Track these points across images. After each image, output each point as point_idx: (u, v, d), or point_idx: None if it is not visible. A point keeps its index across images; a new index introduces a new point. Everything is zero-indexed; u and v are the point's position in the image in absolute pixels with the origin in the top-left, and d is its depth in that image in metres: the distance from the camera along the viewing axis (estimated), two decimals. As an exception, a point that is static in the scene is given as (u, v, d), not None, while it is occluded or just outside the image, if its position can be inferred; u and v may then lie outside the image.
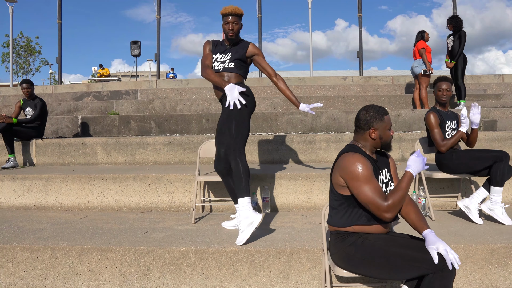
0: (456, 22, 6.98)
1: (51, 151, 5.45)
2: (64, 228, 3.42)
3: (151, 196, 4.16)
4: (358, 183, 2.16)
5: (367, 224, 2.26)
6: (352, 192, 2.19)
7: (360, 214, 2.27)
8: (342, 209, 2.31)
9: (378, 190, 2.16)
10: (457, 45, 6.94)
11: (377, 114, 2.30)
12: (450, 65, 7.03)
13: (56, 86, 10.25)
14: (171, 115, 6.67)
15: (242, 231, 2.91)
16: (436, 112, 3.72)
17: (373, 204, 2.14)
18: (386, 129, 2.31)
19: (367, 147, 2.35)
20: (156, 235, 3.19)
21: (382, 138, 2.32)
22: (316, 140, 5.26)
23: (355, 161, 2.18)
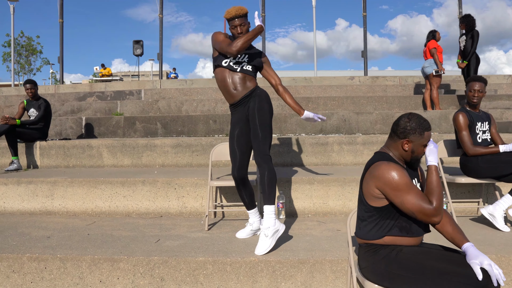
0: (469, 21, 6.83)
1: (55, 153, 5.30)
2: (72, 236, 3.26)
3: (161, 201, 4.00)
4: (400, 193, 2.01)
5: (399, 235, 2.12)
6: (394, 202, 2.05)
7: (391, 225, 2.12)
8: (372, 221, 2.16)
9: (422, 196, 2.03)
10: (470, 45, 6.79)
11: (418, 127, 2.13)
12: (462, 65, 6.87)
13: (58, 86, 10.09)
14: (177, 116, 6.52)
15: (265, 239, 2.79)
16: (465, 112, 3.56)
17: (420, 211, 2.01)
18: (421, 145, 2.16)
19: (397, 156, 2.21)
20: (169, 243, 3.04)
21: (414, 153, 2.17)
22: (329, 142, 5.11)
23: (392, 170, 2.03)
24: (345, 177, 3.96)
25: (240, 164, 3.13)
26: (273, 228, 2.82)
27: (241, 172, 3.13)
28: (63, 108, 7.71)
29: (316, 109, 7.34)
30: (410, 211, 2.03)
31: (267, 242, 2.79)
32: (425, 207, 2.01)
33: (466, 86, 3.62)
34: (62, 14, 13.55)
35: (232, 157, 3.15)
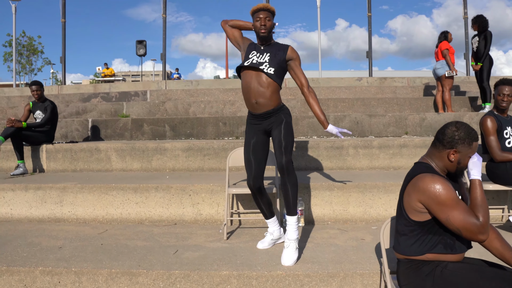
0: (482, 22, 6.66)
1: (62, 157, 5.15)
2: (85, 246, 3.11)
3: (175, 207, 3.86)
4: (447, 208, 1.87)
5: (443, 252, 1.98)
6: (439, 218, 1.90)
7: (435, 241, 1.98)
8: (413, 236, 2.02)
9: (469, 212, 1.88)
10: (483, 46, 6.62)
11: (467, 137, 1.99)
12: (477, 68, 6.71)
13: (61, 87, 9.93)
14: (186, 118, 6.37)
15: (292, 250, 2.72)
16: (494, 116, 3.42)
17: (467, 229, 1.86)
18: (468, 156, 2.02)
19: (439, 167, 2.06)
20: (188, 255, 2.89)
21: (460, 164, 2.03)
22: (344, 146, 4.97)
23: (438, 184, 1.88)
24: (365, 183, 3.82)
25: (256, 174, 2.98)
26: (297, 238, 2.81)
27: (257, 182, 2.99)
28: (68, 109, 7.55)
29: (327, 111, 7.19)
30: (455, 228, 1.89)
31: (295, 253, 2.73)
32: (472, 224, 1.87)
33: (495, 90, 3.48)
34: (65, 14, 13.38)
35: (248, 166, 3.00)
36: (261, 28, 2.93)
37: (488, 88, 6.73)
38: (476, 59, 6.78)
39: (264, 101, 2.89)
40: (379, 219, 3.78)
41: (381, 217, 3.78)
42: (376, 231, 3.49)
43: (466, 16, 13.24)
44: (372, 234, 3.40)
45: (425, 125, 6.22)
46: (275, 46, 3.01)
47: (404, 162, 4.94)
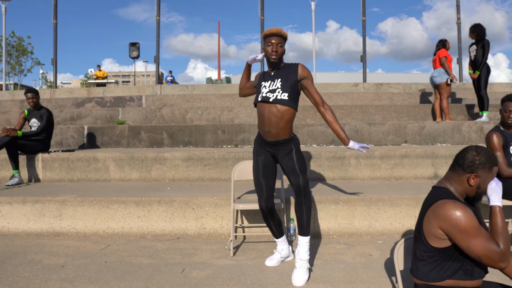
0: (480, 30, 6.69)
1: (59, 166, 5.03)
2: (88, 264, 3.03)
3: (178, 221, 3.78)
4: (468, 236, 1.83)
5: (463, 279, 1.95)
6: (460, 245, 1.87)
7: (454, 268, 1.95)
8: (432, 262, 1.98)
9: (490, 239, 1.85)
10: (481, 55, 6.65)
11: (488, 162, 1.96)
12: (475, 76, 6.73)
13: (54, 91, 9.75)
14: (184, 126, 6.29)
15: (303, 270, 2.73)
16: (500, 132, 3.41)
17: (488, 257, 1.83)
18: (488, 181, 1.99)
19: (458, 191, 2.03)
20: (196, 273, 2.83)
21: (480, 189, 2.00)
22: (346, 156, 4.94)
23: (460, 211, 1.85)
24: (371, 196, 3.79)
25: (267, 195, 2.94)
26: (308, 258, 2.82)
27: (269, 203, 2.95)
28: (62, 115, 7.41)
29: (325, 118, 7.15)
30: (476, 256, 1.86)
31: (307, 273, 2.73)
32: (493, 252, 1.83)
33: (502, 105, 3.47)
34: (56, 15, 13.17)
35: (258, 188, 2.95)
36: (272, 54, 2.87)
37: (486, 96, 6.76)
38: (473, 68, 6.80)
39: (277, 132, 2.86)
40: (384, 232, 3.76)
41: (386, 231, 3.76)
42: (383, 245, 3.46)
43: (459, 21, 13.34)
44: (379, 249, 3.37)
45: (424, 134, 6.23)
46: (285, 68, 2.95)
47: (406, 172, 4.94)
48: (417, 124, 6.27)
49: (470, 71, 6.84)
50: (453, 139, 6.24)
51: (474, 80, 6.83)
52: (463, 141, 6.22)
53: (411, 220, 3.77)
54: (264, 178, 2.93)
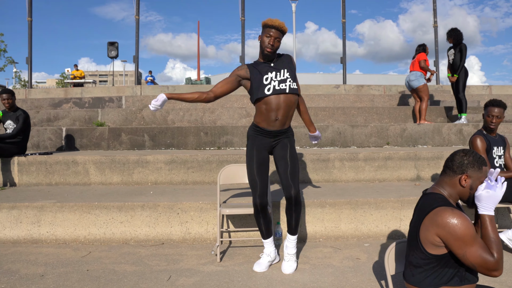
0: (457, 35, 6.80)
1: (36, 170, 4.85)
2: (69, 273, 2.91)
3: (162, 226, 3.70)
4: (464, 244, 1.83)
5: (458, 285, 1.95)
6: (456, 253, 1.86)
7: (450, 274, 1.95)
8: (429, 269, 1.98)
9: (485, 248, 1.85)
10: (459, 59, 6.77)
11: (476, 161, 1.98)
12: (453, 79, 6.86)
13: (29, 91, 9.44)
14: (166, 128, 6.17)
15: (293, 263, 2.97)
16: (483, 136, 3.46)
17: (482, 265, 1.83)
18: (480, 181, 2.00)
19: (452, 196, 2.03)
20: (183, 281, 2.75)
21: (472, 189, 2.00)
22: (330, 158, 4.95)
23: (458, 219, 1.84)
24: (357, 199, 3.80)
25: (261, 192, 2.93)
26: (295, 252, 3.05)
27: (263, 200, 2.93)
28: (38, 116, 7.17)
29: (307, 120, 7.16)
30: (471, 264, 1.86)
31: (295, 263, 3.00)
32: (488, 261, 1.84)
33: (485, 110, 3.52)
34: (31, 12, 12.75)
35: (253, 185, 2.93)
36: (267, 47, 2.85)
37: (464, 99, 6.88)
38: (452, 71, 6.93)
39: (285, 120, 2.94)
40: (370, 235, 3.77)
41: (372, 234, 3.77)
42: (370, 248, 3.47)
43: (436, 24, 13.61)
44: (366, 252, 3.38)
45: (405, 136, 6.31)
46: (282, 59, 2.99)
47: (389, 174, 4.98)
48: (398, 126, 6.35)
49: (449, 75, 6.97)
50: (434, 141, 6.34)
51: (452, 83, 6.97)
52: (443, 143, 6.33)
53: (396, 223, 3.79)
54: (259, 175, 2.93)
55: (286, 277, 2.83)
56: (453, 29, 6.86)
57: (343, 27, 14.01)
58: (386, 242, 3.64)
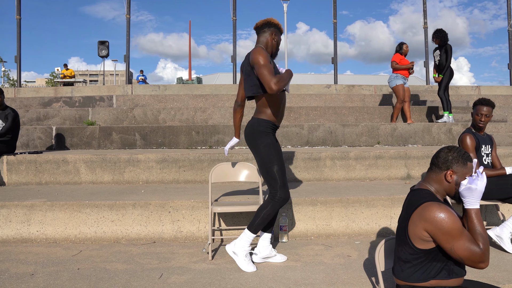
0: (442, 36, 6.85)
1: (25, 169, 4.81)
2: (59, 272, 2.89)
3: (153, 225, 3.69)
4: (452, 238, 1.87)
5: (446, 278, 1.99)
6: (444, 247, 1.90)
7: (438, 268, 1.99)
8: (417, 264, 2.01)
9: (472, 241, 1.89)
10: (444, 59, 6.82)
11: (461, 157, 2.02)
12: (438, 79, 6.89)
13: (19, 90, 9.34)
14: (157, 127, 6.15)
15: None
16: (472, 134, 3.51)
17: (469, 258, 1.87)
18: (465, 176, 2.03)
19: (439, 192, 2.07)
20: (175, 279, 2.75)
21: (458, 185, 2.04)
22: (321, 157, 4.98)
23: (445, 213, 1.88)
24: (348, 197, 3.83)
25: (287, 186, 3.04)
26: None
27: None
28: (28, 115, 7.10)
29: (299, 119, 7.21)
30: (458, 257, 1.90)
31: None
32: (475, 254, 1.88)
33: (473, 109, 3.58)
34: (20, 10, 12.60)
35: (283, 179, 2.97)
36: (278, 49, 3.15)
37: (444, 97, 6.87)
38: (438, 71, 6.97)
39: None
40: (361, 233, 3.80)
41: (363, 231, 3.80)
42: (360, 246, 3.50)
43: (426, 26, 13.73)
44: (357, 250, 3.40)
45: (396, 135, 6.37)
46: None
47: (380, 173, 5.02)
48: (389, 125, 6.40)
49: (435, 75, 7.01)
50: (424, 140, 6.41)
51: (438, 83, 6.98)
52: (433, 142, 6.40)
53: (387, 221, 3.83)
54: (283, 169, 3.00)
55: (278, 274, 2.84)
56: (439, 30, 6.91)
57: (334, 28, 14.09)
58: (376, 240, 3.67)
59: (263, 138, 2.95)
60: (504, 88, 10.47)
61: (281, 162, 2.97)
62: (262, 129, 2.97)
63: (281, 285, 2.64)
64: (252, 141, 2.99)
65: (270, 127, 3.00)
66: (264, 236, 3.07)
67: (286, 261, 3.11)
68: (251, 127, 3.01)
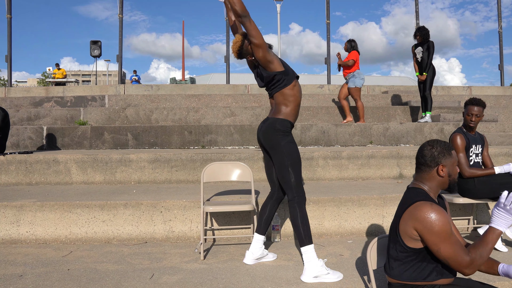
0: (425, 33, 6.79)
1: (15, 169, 4.75)
2: (49, 273, 2.85)
3: (145, 225, 3.66)
4: (439, 240, 1.86)
5: (436, 280, 1.99)
6: (430, 247, 1.90)
7: (429, 269, 1.99)
8: (408, 262, 2.01)
9: (459, 245, 1.88)
10: (427, 56, 6.78)
11: (444, 148, 2.04)
12: (423, 78, 6.75)
13: (9, 89, 9.24)
14: (149, 127, 6.12)
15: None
16: (463, 134, 3.53)
17: (454, 261, 1.87)
18: (454, 165, 2.05)
19: (433, 189, 2.07)
20: (166, 279, 2.73)
21: (451, 176, 2.05)
22: (314, 157, 4.98)
23: (435, 214, 1.87)
24: (340, 196, 3.83)
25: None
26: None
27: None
28: (18, 114, 7.02)
29: (292, 119, 7.19)
30: (444, 259, 1.89)
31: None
32: (460, 258, 1.85)
33: (465, 109, 3.59)
34: (11, 9, 12.49)
35: (301, 179, 2.95)
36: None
37: (430, 97, 6.81)
38: (420, 69, 6.88)
39: None
40: (353, 232, 3.80)
41: (355, 231, 3.81)
42: (353, 245, 3.50)
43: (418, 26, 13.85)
44: (349, 249, 3.40)
45: (388, 135, 6.40)
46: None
47: (372, 172, 5.04)
48: (381, 125, 6.42)
49: (418, 73, 6.95)
50: (416, 140, 6.44)
51: (420, 81, 6.93)
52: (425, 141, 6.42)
53: (379, 220, 3.84)
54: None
55: (270, 273, 2.83)
56: (421, 27, 6.83)
57: (328, 28, 14.13)
58: (368, 239, 3.68)
59: (285, 137, 2.91)
60: (495, 89, 10.56)
61: (299, 160, 2.94)
62: (283, 128, 2.90)
63: (273, 284, 2.63)
64: (273, 141, 2.90)
65: (289, 127, 2.95)
66: (256, 238, 3.05)
67: (278, 260, 3.10)
68: (272, 127, 2.91)
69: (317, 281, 2.65)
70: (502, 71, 13.30)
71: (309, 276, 2.68)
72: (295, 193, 2.87)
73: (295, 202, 2.86)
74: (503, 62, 13.38)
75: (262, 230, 3.05)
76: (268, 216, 3.06)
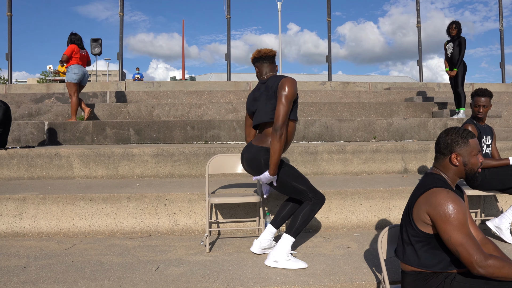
0: (460, 27, 6.70)
1: (17, 163, 4.70)
2: (52, 265, 2.81)
3: (149, 218, 3.61)
4: (451, 227, 1.81)
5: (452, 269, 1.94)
6: (442, 236, 1.85)
7: (442, 258, 1.94)
8: (420, 247, 1.97)
9: (473, 239, 1.81)
10: (457, 52, 6.70)
11: (460, 137, 1.98)
12: (453, 74, 6.68)
13: (10, 86, 9.18)
14: (152, 122, 6.07)
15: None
16: (474, 124, 3.49)
17: (464, 253, 1.78)
18: (472, 155, 1.99)
19: (450, 177, 2.03)
20: (172, 270, 2.68)
21: (467, 166, 2.00)
22: (318, 151, 4.93)
23: (451, 202, 1.82)
24: (346, 189, 3.78)
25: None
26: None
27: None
28: (19, 110, 6.97)
29: (295, 115, 7.15)
30: (455, 249, 1.81)
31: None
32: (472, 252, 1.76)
33: (472, 100, 3.55)
34: (11, 7, 12.44)
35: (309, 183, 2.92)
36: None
37: (463, 93, 6.76)
38: (451, 65, 6.79)
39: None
40: (360, 225, 3.76)
41: (362, 224, 3.76)
42: (360, 238, 3.45)
43: (419, 25, 13.81)
44: (356, 241, 3.36)
45: (392, 130, 6.35)
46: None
47: (377, 167, 4.99)
48: (385, 121, 6.38)
49: (447, 69, 6.86)
50: (420, 135, 6.40)
51: (451, 77, 6.85)
52: (429, 137, 6.39)
53: (386, 213, 3.79)
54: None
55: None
56: (456, 21, 6.74)
57: (328, 26, 14.09)
58: (376, 232, 3.63)
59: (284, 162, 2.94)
60: (497, 85, 10.53)
61: (300, 174, 2.90)
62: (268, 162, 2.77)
63: (281, 275, 2.58)
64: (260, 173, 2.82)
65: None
66: (269, 229, 3.00)
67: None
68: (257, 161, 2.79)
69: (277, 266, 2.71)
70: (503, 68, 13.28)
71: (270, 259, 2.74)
72: (311, 195, 2.83)
73: (311, 200, 2.83)
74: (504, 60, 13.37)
75: (277, 224, 3.00)
76: (287, 213, 3.00)
